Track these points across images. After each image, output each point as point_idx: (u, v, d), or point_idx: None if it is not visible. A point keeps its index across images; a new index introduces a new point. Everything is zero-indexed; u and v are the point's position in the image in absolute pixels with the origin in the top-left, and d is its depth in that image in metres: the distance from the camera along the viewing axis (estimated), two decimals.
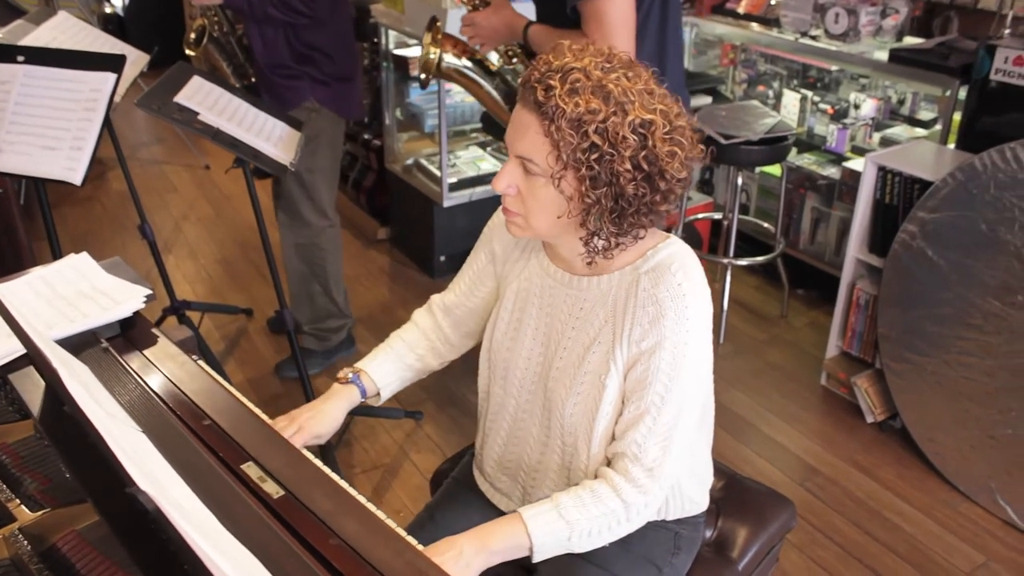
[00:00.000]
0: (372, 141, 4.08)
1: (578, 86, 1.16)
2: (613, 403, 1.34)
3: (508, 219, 1.32)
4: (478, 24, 2.11)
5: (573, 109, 1.15)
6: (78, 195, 4.56)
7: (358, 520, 1.11)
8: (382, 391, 1.56)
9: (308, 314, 3.07)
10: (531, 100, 1.20)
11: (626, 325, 1.30)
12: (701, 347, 1.31)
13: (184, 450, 1.20)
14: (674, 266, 1.29)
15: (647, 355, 1.29)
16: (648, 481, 1.31)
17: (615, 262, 1.33)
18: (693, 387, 1.32)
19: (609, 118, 1.16)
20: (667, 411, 1.30)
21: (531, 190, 1.25)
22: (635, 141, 1.17)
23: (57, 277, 1.63)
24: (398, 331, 1.63)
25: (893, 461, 2.70)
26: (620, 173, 1.17)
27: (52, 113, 2.17)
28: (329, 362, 3.17)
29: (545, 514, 1.29)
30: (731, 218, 3.30)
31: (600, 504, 1.30)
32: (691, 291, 1.28)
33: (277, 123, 2.26)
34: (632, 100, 1.17)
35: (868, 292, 2.83)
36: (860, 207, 2.80)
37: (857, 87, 3.55)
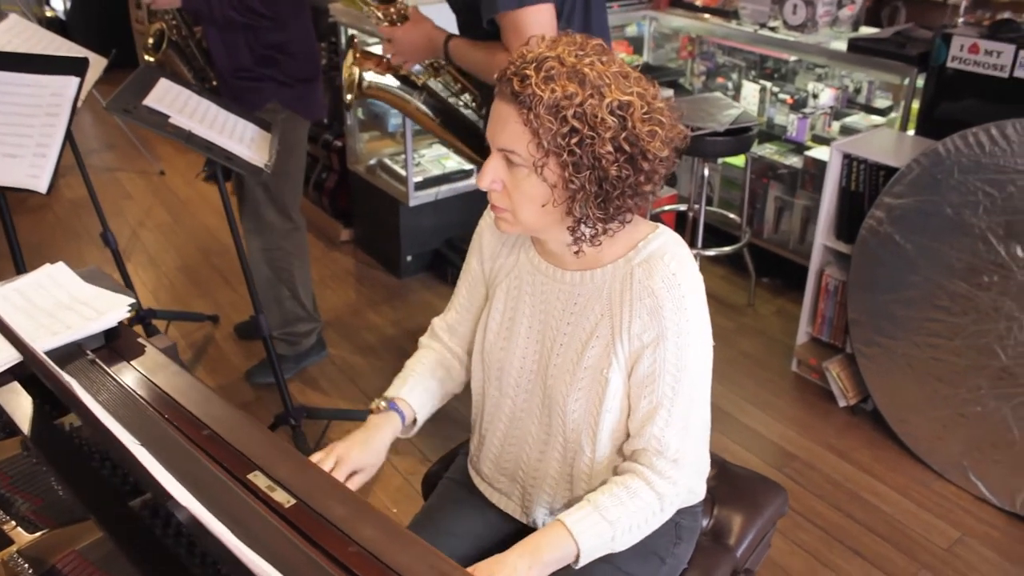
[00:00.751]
0: (333, 142, 4.03)
1: (553, 73, 1.16)
2: (617, 397, 1.34)
3: (497, 215, 1.31)
4: (397, 40, 2.05)
5: (550, 95, 1.15)
6: (29, 204, 4.42)
7: (375, 526, 1.09)
8: (418, 415, 1.51)
9: (277, 319, 3.01)
10: (508, 92, 1.20)
11: (624, 318, 1.30)
12: (702, 332, 1.32)
13: (187, 462, 1.17)
14: (667, 256, 1.29)
15: (651, 348, 1.29)
16: (675, 471, 1.32)
17: (606, 255, 1.33)
18: (701, 372, 1.34)
19: (586, 101, 1.15)
20: (680, 401, 1.30)
21: (516, 183, 1.24)
22: (614, 123, 1.17)
23: (33, 288, 1.58)
24: (410, 360, 1.58)
25: (867, 443, 2.75)
26: (602, 156, 1.17)
27: (12, 119, 2.10)
28: (300, 367, 3.12)
29: (587, 518, 1.28)
30: (697, 210, 3.33)
31: (636, 499, 1.31)
32: (686, 279, 1.28)
33: (248, 125, 2.21)
34: (608, 83, 1.17)
35: (836, 278, 2.87)
36: (827, 195, 2.85)
37: (814, 77, 3.60)
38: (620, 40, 4.07)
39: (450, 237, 3.75)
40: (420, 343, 1.63)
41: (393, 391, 1.52)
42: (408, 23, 2.08)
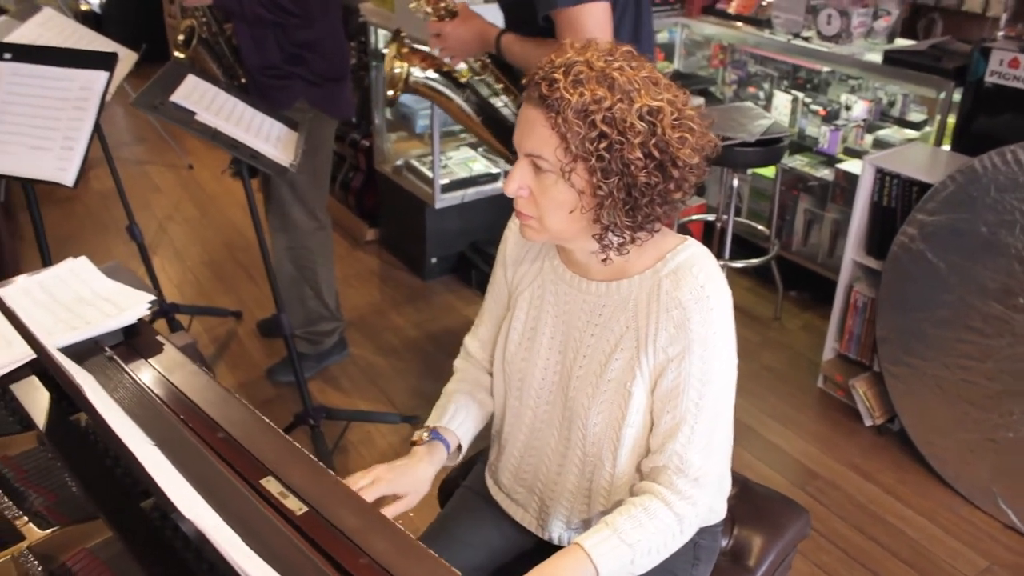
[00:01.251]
0: (361, 141, 4.02)
1: (582, 77, 1.14)
2: (640, 411, 1.31)
3: (523, 223, 1.29)
4: (446, 35, 2.03)
5: (578, 99, 1.13)
6: (58, 196, 4.45)
7: (387, 538, 1.07)
8: (463, 441, 1.49)
9: (300, 317, 3.01)
10: (536, 96, 1.18)
11: (650, 330, 1.27)
12: (728, 347, 1.30)
13: (200, 464, 1.15)
14: (695, 268, 1.26)
15: (676, 361, 1.26)
16: (696, 491, 1.29)
17: (633, 266, 1.30)
18: (725, 388, 1.31)
19: (615, 105, 1.13)
20: (703, 417, 1.27)
21: (543, 189, 1.21)
22: (643, 128, 1.14)
23: (55, 283, 1.57)
24: (449, 385, 1.56)
25: (893, 465, 2.69)
26: (631, 161, 1.15)
27: (41, 112, 2.11)
28: (321, 366, 3.12)
29: (606, 541, 1.25)
30: (725, 220, 3.29)
31: (655, 520, 1.27)
32: (714, 292, 1.25)
33: (274, 123, 2.21)
34: (637, 88, 1.15)
35: (866, 295, 2.82)
36: (858, 209, 2.80)
37: (847, 88, 3.55)
38: None
39: (475, 240, 3.73)
40: (455, 366, 1.61)
41: (435, 420, 1.49)
42: (458, 19, 2.07)
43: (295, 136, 2.23)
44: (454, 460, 1.51)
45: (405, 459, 1.41)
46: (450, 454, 1.48)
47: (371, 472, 1.36)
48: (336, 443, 2.71)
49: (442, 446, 1.45)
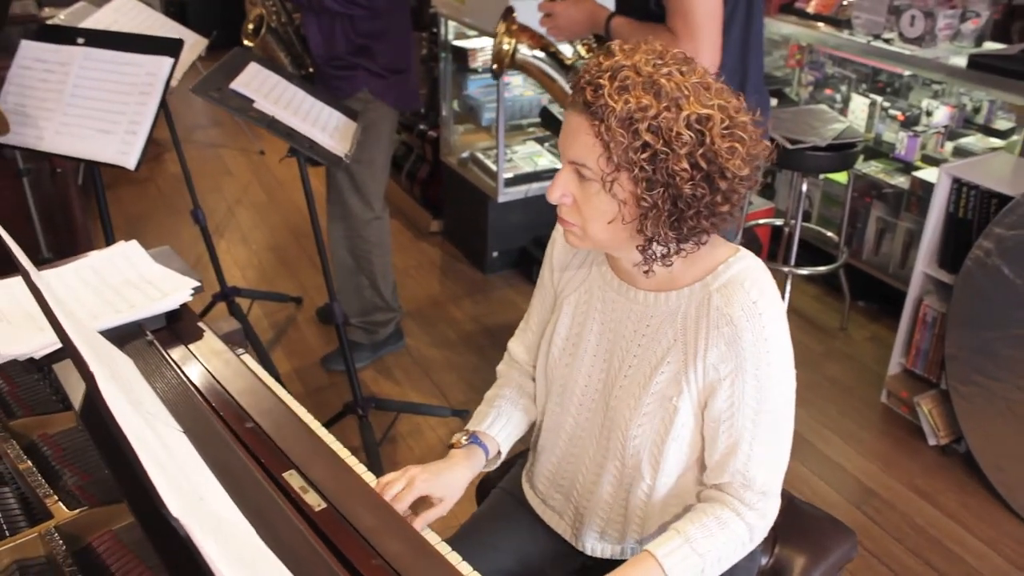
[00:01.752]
0: (428, 132, 4.03)
1: (628, 83, 1.10)
2: (687, 425, 1.27)
3: (566, 229, 1.26)
4: (558, 14, 2.03)
5: (623, 107, 1.08)
6: (134, 176, 4.57)
7: (402, 540, 1.06)
8: (502, 448, 1.47)
9: (355, 307, 3.03)
10: (580, 102, 1.13)
11: (700, 346, 1.23)
12: (783, 363, 1.24)
13: (225, 454, 1.16)
14: (747, 282, 1.21)
15: (728, 380, 1.22)
16: (764, 503, 1.27)
17: (683, 277, 1.26)
18: (783, 406, 1.26)
19: (661, 114, 1.08)
20: (762, 433, 1.23)
21: (586, 197, 1.18)
22: (691, 138, 1.09)
23: (106, 265, 1.61)
24: (490, 391, 1.55)
25: (956, 488, 2.58)
26: (676, 173, 1.10)
27: (109, 96, 2.16)
28: (376, 356, 3.14)
29: (678, 550, 1.24)
30: (793, 225, 3.19)
31: (726, 530, 1.26)
32: (767, 308, 1.20)
33: (334, 113, 2.21)
34: (686, 95, 1.10)
35: (936, 309, 2.70)
36: (931, 220, 2.68)
37: (930, 93, 3.40)
38: None
39: (538, 236, 3.70)
40: (498, 371, 1.59)
41: (475, 424, 1.48)
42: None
43: (353, 126, 2.23)
44: (493, 465, 1.49)
45: (442, 462, 1.40)
46: (489, 460, 1.46)
47: (406, 473, 1.34)
48: (385, 434, 2.72)
49: (480, 451, 1.44)
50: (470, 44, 3.76)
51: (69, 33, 2.25)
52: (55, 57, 2.24)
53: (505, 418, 1.49)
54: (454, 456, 1.41)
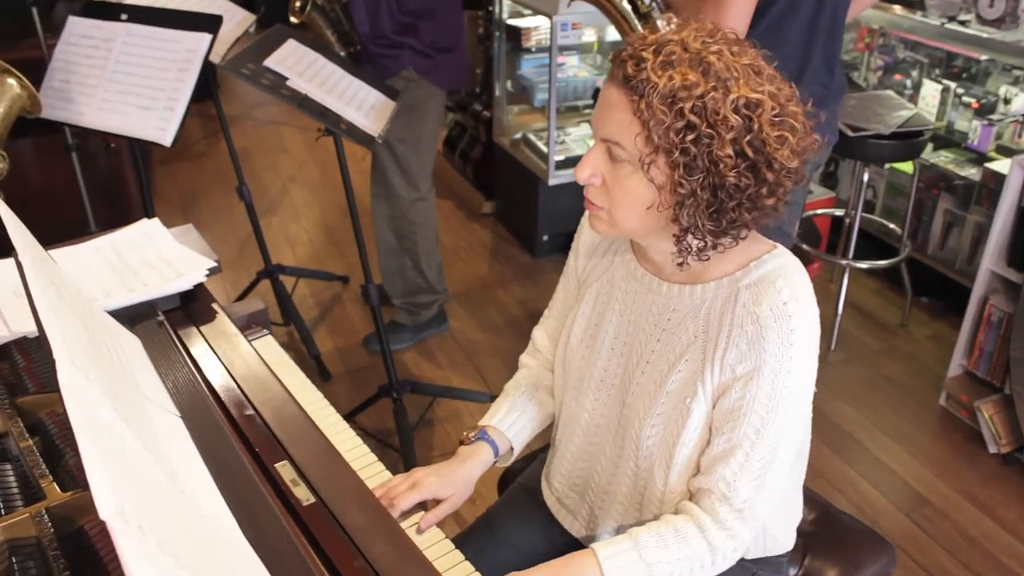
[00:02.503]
0: (482, 112, 3.98)
1: (674, 59, 1.01)
2: (698, 430, 1.19)
3: (591, 213, 1.17)
4: None
5: (667, 83, 1.00)
6: (193, 151, 4.64)
7: (389, 542, 1.02)
8: (515, 443, 1.42)
9: (399, 287, 3.01)
10: (620, 76, 1.05)
11: (720, 344, 1.15)
12: (805, 377, 1.15)
13: (218, 442, 1.13)
14: (779, 281, 1.12)
15: (743, 381, 1.13)
16: (737, 524, 1.18)
17: (712, 271, 1.17)
18: (793, 421, 1.16)
19: (708, 94, 1.00)
20: (762, 446, 1.14)
21: (617, 179, 1.09)
22: (738, 123, 1.00)
23: (126, 243, 1.60)
24: (509, 382, 1.50)
25: (1016, 500, 2.44)
26: (720, 159, 1.01)
27: (149, 72, 2.15)
28: (419, 337, 3.11)
29: (624, 554, 1.17)
30: (854, 216, 3.05)
31: (684, 545, 1.18)
32: (798, 311, 1.11)
33: (371, 91, 2.17)
34: (736, 76, 1.01)
35: (1002, 309, 2.55)
36: (1001, 214, 2.52)
37: (1009, 79, 3.21)
38: None
39: None
40: (520, 361, 1.53)
41: (486, 418, 1.43)
42: None
43: (391, 105, 2.19)
44: (506, 461, 1.44)
45: (448, 462, 1.36)
46: (499, 456, 1.41)
47: (411, 476, 1.30)
48: (421, 417, 2.69)
49: (488, 447, 1.39)
50: (524, 23, 3.68)
51: (114, 9, 2.25)
52: (99, 33, 2.25)
53: (518, 412, 1.44)
54: (460, 454, 1.37)
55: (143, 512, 0.74)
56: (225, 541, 0.92)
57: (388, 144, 2.71)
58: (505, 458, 1.43)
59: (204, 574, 0.75)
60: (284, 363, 1.55)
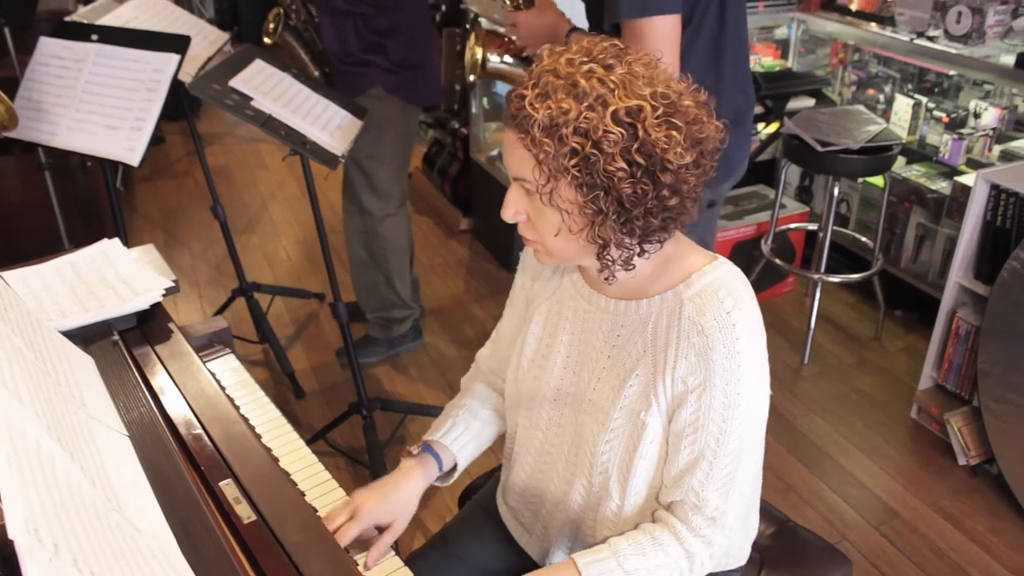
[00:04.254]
0: (459, 129, 4.00)
1: (548, 88, 1.03)
2: (655, 442, 1.21)
3: (530, 247, 1.21)
4: (521, 24, 2.00)
5: (544, 114, 1.02)
6: (175, 169, 4.66)
7: (327, 560, 1.02)
8: (459, 460, 1.42)
9: (372, 302, 3.03)
10: (509, 116, 1.08)
11: (669, 357, 1.16)
12: (756, 382, 1.16)
13: (164, 460, 1.14)
14: (721, 292, 1.14)
15: (696, 393, 1.15)
16: (711, 531, 1.19)
17: (656, 285, 1.19)
18: (752, 428, 1.18)
19: (583, 115, 1.02)
20: (724, 454, 1.16)
21: (536, 212, 1.12)
22: (621, 134, 1.02)
23: (85, 262, 1.60)
24: (453, 401, 1.51)
25: (986, 511, 2.45)
26: (613, 173, 1.03)
27: (118, 93, 2.17)
28: (392, 352, 3.13)
29: (603, 562, 1.19)
30: (826, 230, 3.07)
31: (662, 553, 1.19)
32: (741, 320, 1.12)
33: (338, 111, 2.19)
34: (611, 89, 1.03)
35: (970, 322, 2.57)
36: (967, 228, 2.55)
37: (980, 94, 3.24)
38: (768, 42, 3.82)
39: None
40: (462, 383, 1.55)
41: (429, 434, 1.43)
42: (533, 9, 2.02)
43: (358, 125, 2.21)
44: (448, 480, 1.43)
45: (389, 478, 1.35)
46: (443, 473, 1.41)
47: (350, 504, 1.28)
48: (392, 434, 2.69)
49: (433, 460, 1.39)
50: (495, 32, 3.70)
51: (84, 30, 2.27)
52: (70, 54, 2.26)
53: (462, 428, 1.44)
54: (403, 467, 1.37)
55: (63, 530, 0.75)
56: (160, 558, 0.92)
57: (356, 161, 2.73)
58: (447, 476, 1.43)
59: None
60: (244, 382, 1.55)
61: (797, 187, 3.78)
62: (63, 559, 0.68)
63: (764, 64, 3.78)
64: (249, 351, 3.13)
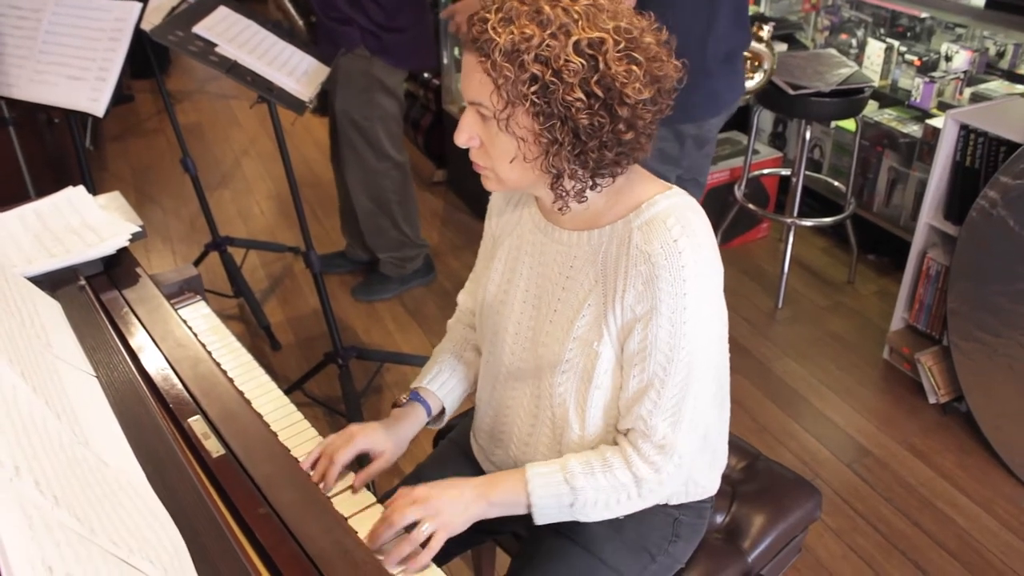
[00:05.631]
0: (431, 80, 3.96)
1: (512, 14, 1.03)
2: (608, 372, 1.22)
3: (481, 175, 1.20)
4: None
5: (507, 39, 1.02)
6: (145, 127, 4.59)
7: (296, 490, 1.03)
8: (446, 403, 1.45)
9: (383, 244, 3.11)
10: (470, 40, 1.07)
11: (618, 287, 1.16)
12: (704, 311, 1.16)
13: (133, 399, 1.14)
14: (670, 220, 1.13)
15: (643, 322, 1.15)
16: (660, 458, 1.20)
17: (607, 215, 1.19)
18: (701, 355, 1.18)
19: (546, 42, 1.02)
20: (671, 383, 1.17)
21: (490, 138, 1.12)
22: (582, 65, 1.02)
23: (51, 210, 1.59)
24: (438, 346, 1.53)
25: (954, 448, 2.50)
26: (571, 103, 1.03)
27: (79, 43, 2.12)
28: (405, 288, 3.23)
29: (551, 475, 1.21)
30: (799, 175, 3.08)
31: (610, 474, 1.21)
32: (688, 247, 1.12)
33: (304, 57, 2.16)
34: (575, 19, 1.03)
35: (939, 262, 2.60)
36: (937, 169, 2.56)
37: (952, 37, 3.24)
38: None
39: None
40: (447, 326, 1.56)
41: (417, 381, 1.46)
42: None
43: (325, 71, 2.18)
44: (439, 423, 1.47)
45: (382, 421, 1.38)
46: (432, 417, 1.44)
47: (347, 430, 1.32)
48: (368, 383, 2.70)
49: (422, 408, 1.41)
50: None
51: None
52: (28, 3, 2.21)
53: (447, 373, 1.46)
54: (394, 415, 1.39)
55: (25, 455, 0.75)
56: (127, 489, 0.93)
57: (353, 121, 2.79)
58: (437, 419, 1.46)
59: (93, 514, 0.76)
60: (215, 328, 1.55)
61: (770, 133, 3.78)
62: (24, 480, 0.69)
63: None
64: (224, 305, 3.12)
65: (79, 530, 0.72)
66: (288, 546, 0.94)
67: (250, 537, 0.96)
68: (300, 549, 0.94)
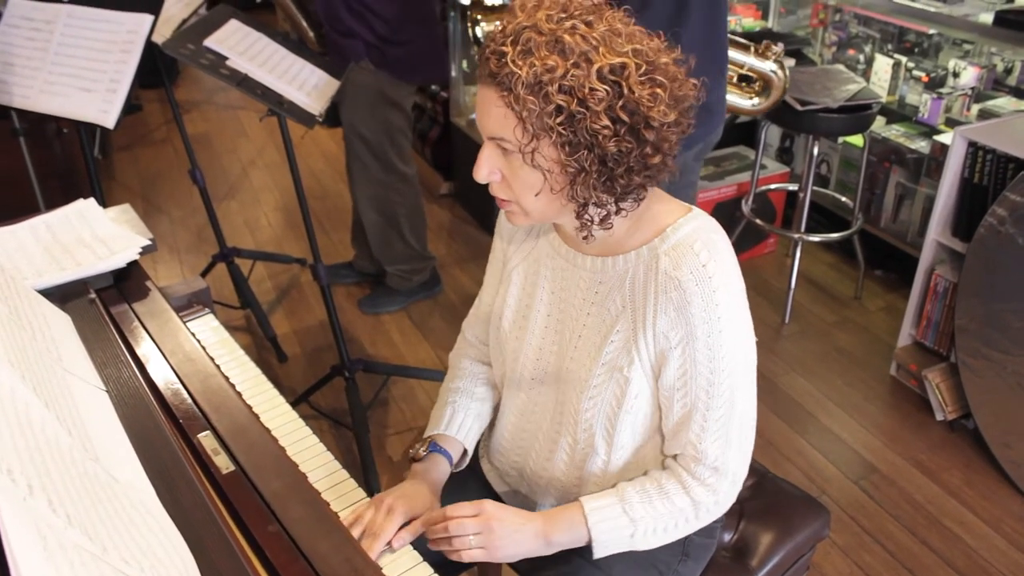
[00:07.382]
0: (439, 93, 3.97)
1: (531, 45, 1.01)
2: (642, 397, 1.22)
3: (504, 208, 1.19)
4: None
5: (528, 71, 1.00)
6: (154, 137, 4.61)
7: (306, 507, 1.03)
8: (467, 444, 1.41)
9: (390, 256, 3.11)
10: (487, 74, 1.06)
11: (648, 313, 1.16)
12: (739, 331, 1.17)
13: (143, 414, 1.14)
14: (697, 244, 1.14)
15: (679, 348, 1.15)
16: (716, 479, 1.21)
17: (631, 240, 1.19)
18: (740, 373, 1.18)
19: (570, 72, 1.00)
20: (716, 404, 1.17)
21: (513, 172, 1.10)
22: (607, 92, 1.01)
23: (61, 223, 1.59)
24: (444, 384, 1.49)
25: (961, 465, 2.49)
26: (598, 131, 1.02)
27: (91, 55, 2.14)
28: (410, 300, 3.23)
29: (609, 508, 1.21)
30: (806, 190, 3.08)
31: (667, 501, 1.21)
32: (718, 272, 1.13)
33: (315, 71, 2.17)
34: (595, 46, 1.02)
35: (947, 279, 2.59)
36: (945, 185, 2.56)
37: (959, 53, 3.25)
38: (748, 3, 3.80)
39: None
40: (450, 361, 1.53)
41: (433, 427, 1.41)
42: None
43: (335, 85, 2.19)
44: (463, 464, 1.43)
45: (408, 484, 1.31)
46: (456, 462, 1.40)
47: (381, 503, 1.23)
48: (375, 396, 2.70)
49: (443, 458, 1.37)
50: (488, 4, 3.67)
51: None
52: (40, 15, 2.23)
53: (462, 414, 1.42)
54: (416, 472, 1.34)
55: (38, 473, 0.75)
56: (137, 506, 0.93)
57: (360, 135, 2.80)
58: (461, 462, 1.42)
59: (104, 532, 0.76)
60: (224, 341, 1.55)
61: (778, 148, 3.78)
62: (38, 499, 0.69)
63: (744, 25, 3.77)
64: (231, 316, 3.12)
65: (91, 549, 0.72)
66: (298, 564, 0.94)
67: (260, 555, 0.96)
68: (310, 567, 0.94)
